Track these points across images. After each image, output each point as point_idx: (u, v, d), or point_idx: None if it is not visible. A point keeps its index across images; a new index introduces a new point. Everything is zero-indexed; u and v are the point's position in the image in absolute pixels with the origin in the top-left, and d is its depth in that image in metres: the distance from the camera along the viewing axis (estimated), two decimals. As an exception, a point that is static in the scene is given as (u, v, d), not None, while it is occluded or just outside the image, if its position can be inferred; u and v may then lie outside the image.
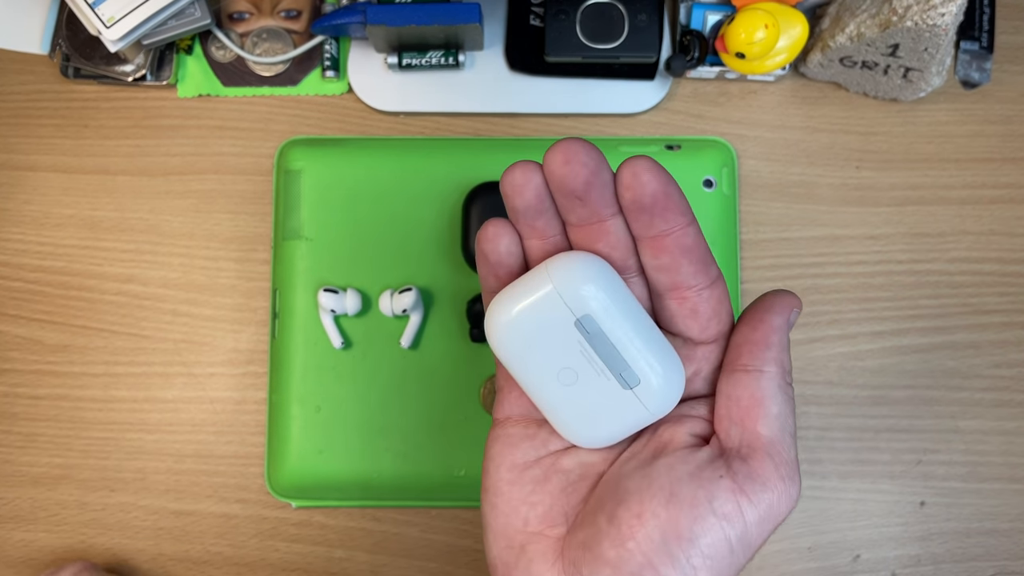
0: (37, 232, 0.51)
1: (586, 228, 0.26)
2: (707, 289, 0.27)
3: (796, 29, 0.47)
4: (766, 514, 0.25)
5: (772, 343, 0.27)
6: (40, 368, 0.50)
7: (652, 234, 0.26)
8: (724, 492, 0.25)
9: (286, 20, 0.52)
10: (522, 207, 0.26)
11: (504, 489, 0.29)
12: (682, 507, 0.25)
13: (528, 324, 0.26)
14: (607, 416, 0.27)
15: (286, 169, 0.50)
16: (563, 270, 0.26)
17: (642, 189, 0.25)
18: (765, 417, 0.26)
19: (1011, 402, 0.49)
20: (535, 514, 0.28)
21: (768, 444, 0.26)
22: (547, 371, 0.27)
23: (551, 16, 0.49)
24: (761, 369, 0.27)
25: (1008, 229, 0.51)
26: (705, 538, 0.25)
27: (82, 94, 0.52)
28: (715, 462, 0.26)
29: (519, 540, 0.28)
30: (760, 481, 0.25)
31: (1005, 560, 0.49)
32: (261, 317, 0.50)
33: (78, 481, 0.50)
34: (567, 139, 0.25)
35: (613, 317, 0.26)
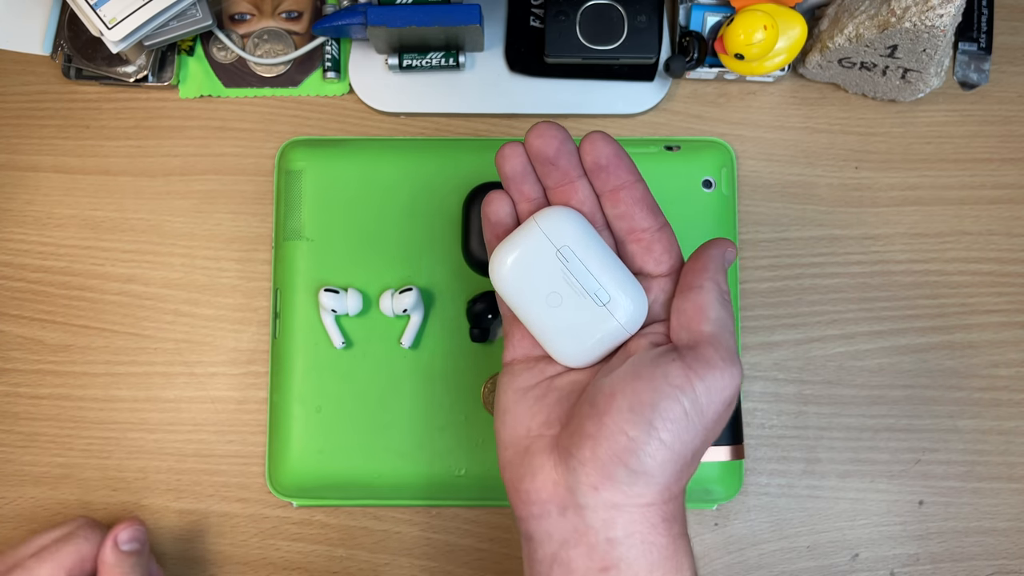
0: (39, 232, 0.52)
1: (560, 189, 0.35)
2: (658, 231, 0.35)
3: (795, 30, 0.47)
4: (712, 385, 0.31)
5: (709, 267, 0.34)
6: (42, 368, 0.51)
7: (610, 188, 0.34)
8: (676, 369, 0.31)
9: (287, 21, 0.52)
10: (511, 173, 0.35)
11: (511, 407, 0.35)
12: (643, 382, 0.31)
13: (523, 262, 0.34)
14: (588, 333, 0.34)
15: (287, 170, 0.50)
16: (545, 216, 0.34)
17: (598, 152, 0.34)
18: (706, 319, 0.33)
19: (1009, 402, 0.49)
20: (536, 422, 0.35)
21: (710, 336, 0.32)
22: (538, 298, 0.34)
23: (551, 17, 0.49)
24: (702, 285, 0.33)
25: (1006, 229, 0.51)
26: (663, 403, 0.31)
27: (84, 95, 0.53)
28: (669, 352, 0.33)
29: (524, 444, 0.34)
30: (704, 360, 0.32)
31: (1003, 559, 0.49)
32: (262, 317, 0.50)
33: (79, 480, 0.50)
34: (540, 122, 0.34)
35: (586, 248, 0.34)
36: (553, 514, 0.33)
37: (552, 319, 0.34)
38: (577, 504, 0.32)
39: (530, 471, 0.33)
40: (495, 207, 0.36)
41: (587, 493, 0.32)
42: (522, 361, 0.37)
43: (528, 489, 0.33)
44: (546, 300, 0.34)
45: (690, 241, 0.48)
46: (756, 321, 0.50)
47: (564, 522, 0.32)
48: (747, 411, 0.49)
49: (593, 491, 0.32)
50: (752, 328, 0.50)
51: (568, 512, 0.32)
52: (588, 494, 0.32)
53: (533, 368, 0.36)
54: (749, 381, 0.50)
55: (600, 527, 0.32)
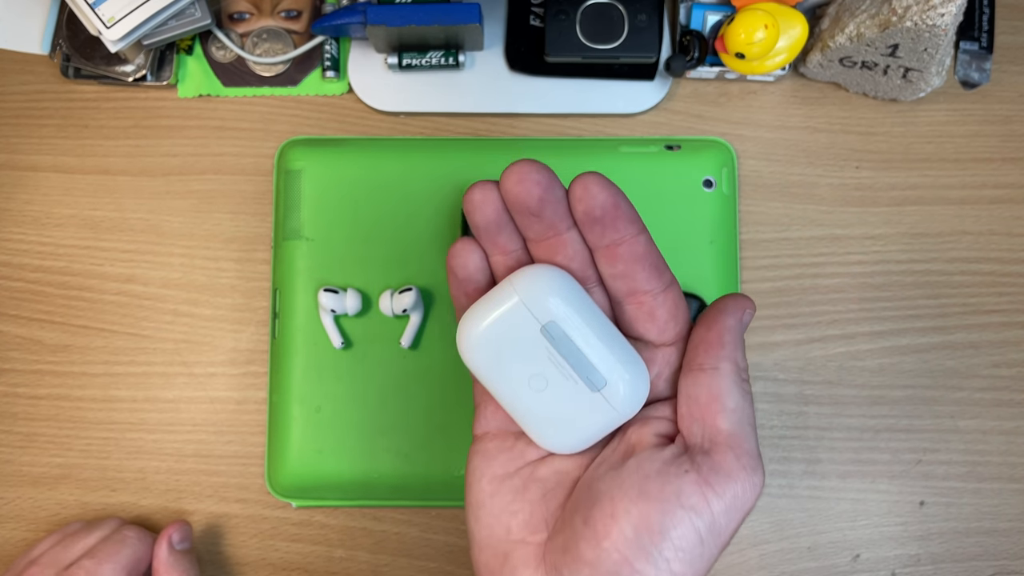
0: (38, 232, 0.51)
1: (544, 242, 0.28)
2: (662, 293, 0.29)
3: (796, 29, 0.47)
4: (732, 504, 0.27)
5: (726, 342, 0.28)
6: (40, 368, 0.51)
7: (606, 243, 0.28)
8: (690, 486, 0.26)
9: (286, 20, 0.52)
10: (483, 223, 0.28)
11: (486, 501, 0.30)
12: (651, 503, 0.26)
13: (497, 336, 0.28)
14: (578, 420, 0.29)
15: (286, 169, 0.50)
16: (526, 281, 0.28)
17: (592, 201, 0.27)
18: (723, 411, 0.28)
19: (1010, 402, 0.49)
20: (516, 522, 0.29)
21: (728, 437, 0.27)
22: (518, 379, 0.28)
23: (551, 16, 0.49)
24: (716, 367, 0.28)
25: (1007, 229, 0.51)
26: (675, 531, 0.26)
27: (82, 94, 0.52)
28: (680, 458, 0.27)
29: (503, 548, 0.29)
30: (724, 472, 0.27)
31: (1004, 560, 0.49)
32: (261, 317, 0.50)
33: (78, 481, 0.50)
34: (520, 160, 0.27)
35: (576, 323, 0.28)
36: None
37: (535, 403, 0.29)
38: None
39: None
40: (461, 260, 0.29)
41: None
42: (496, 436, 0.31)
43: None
44: (528, 383, 0.28)
45: (690, 241, 0.48)
46: (756, 321, 0.50)
47: None
48: (748, 411, 0.49)
49: None
50: (752, 328, 0.50)
51: None
52: None
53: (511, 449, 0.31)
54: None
55: None
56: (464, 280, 0.30)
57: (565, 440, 0.29)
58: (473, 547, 0.30)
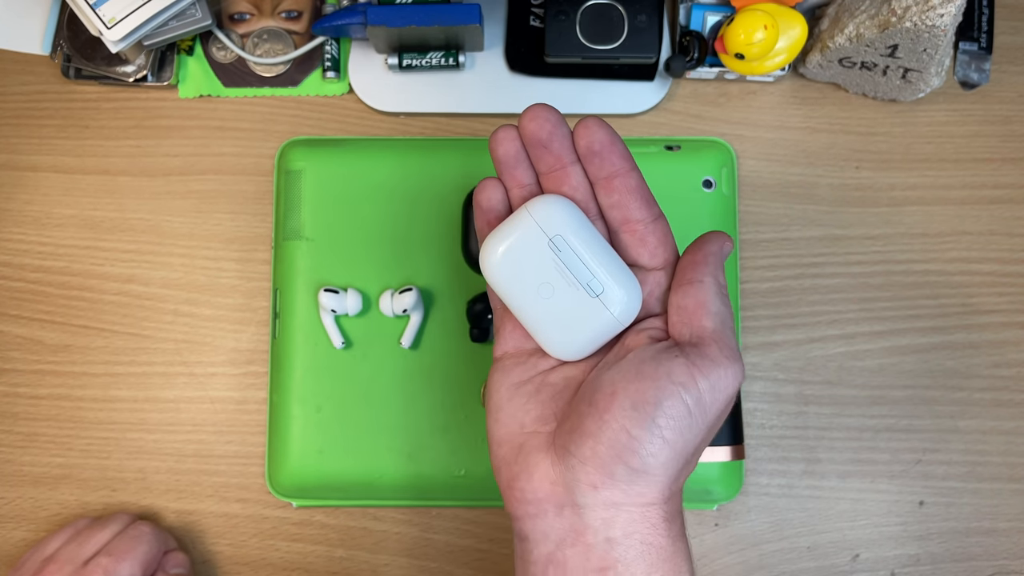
0: (38, 232, 0.51)
1: (553, 174, 0.34)
2: (652, 223, 0.34)
3: (795, 30, 0.47)
4: (716, 384, 0.31)
5: (708, 261, 0.33)
6: (41, 368, 0.51)
7: (604, 175, 0.33)
8: (680, 367, 0.31)
9: (287, 21, 0.52)
10: (504, 157, 0.34)
11: (504, 404, 0.35)
12: (646, 380, 0.31)
13: (513, 252, 0.33)
14: (581, 326, 0.33)
15: (287, 169, 0.50)
16: (538, 205, 0.33)
17: (592, 136, 0.33)
18: (708, 314, 0.32)
19: (1010, 402, 0.49)
20: (530, 418, 0.34)
21: (713, 333, 0.32)
22: (530, 289, 0.33)
23: (551, 17, 0.49)
24: (702, 280, 0.33)
25: (1007, 229, 0.51)
26: (667, 401, 0.30)
27: (83, 95, 0.53)
28: (671, 348, 0.32)
29: (518, 441, 0.34)
30: (709, 358, 0.31)
31: (1004, 559, 0.49)
32: (262, 317, 0.50)
33: (79, 481, 0.50)
34: (534, 104, 0.33)
35: (578, 237, 0.32)
36: (550, 513, 0.32)
37: (544, 310, 0.33)
38: (575, 503, 0.31)
39: (526, 469, 0.33)
40: (487, 194, 0.35)
41: (586, 492, 0.31)
42: (513, 355, 0.36)
43: (524, 488, 0.33)
44: (538, 291, 0.33)
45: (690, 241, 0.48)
46: (756, 321, 0.50)
47: (561, 521, 0.32)
48: (747, 411, 0.49)
49: (592, 490, 0.31)
50: (752, 328, 0.50)
51: (565, 511, 0.32)
52: (587, 493, 0.31)
53: (525, 363, 0.35)
54: (749, 381, 0.50)
55: (599, 526, 0.31)
56: (487, 210, 0.35)
57: (570, 346, 0.34)
58: (492, 447, 0.35)
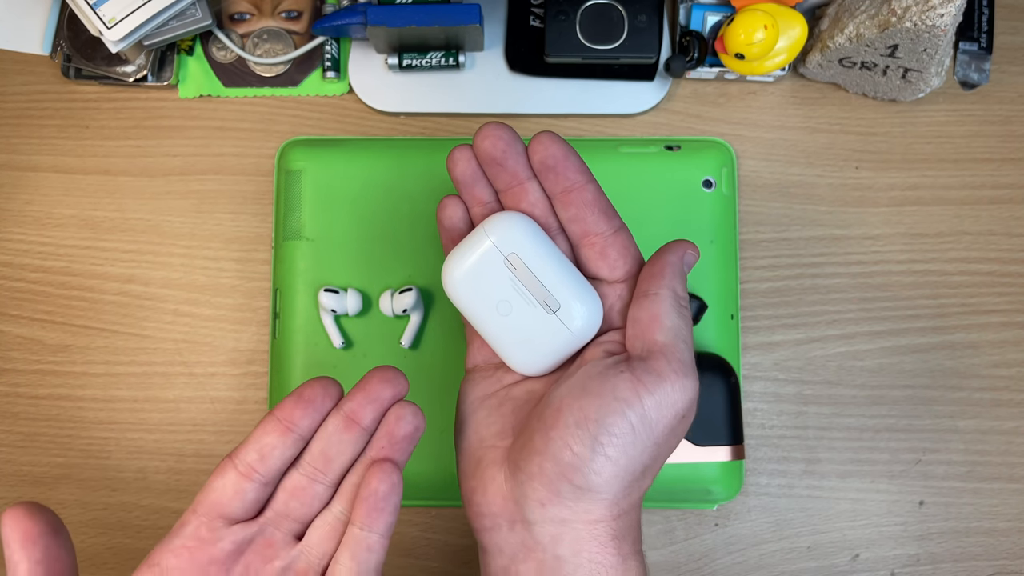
0: (38, 232, 0.52)
1: (511, 191, 0.34)
2: (612, 235, 0.33)
3: (795, 30, 0.47)
4: (662, 400, 0.30)
5: (666, 273, 0.33)
6: (41, 368, 0.51)
7: (560, 190, 0.33)
8: (624, 383, 0.31)
9: (287, 21, 0.52)
10: (461, 177, 0.34)
11: (468, 417, 0.35)
12: (591, 396, 0.31)
13: (472, 270, 0.33)
14: (540, 343, 0.33)
15: (287, 169, 0.50)
16: (494, 223, 0.33)
17: (546, 151, 0.32)
18: (661, 328, 0.32)
19: (1010, 402, 0.49)
20: (490, 432, 0.34)
21: (663, 347, 0.31)
22: (489, 307, 0.33)
23: (551, 17, 0.49)
24: (657, 292, 0.32)
25: (1007, 229, 0.51)
26: (609, 419, 0.30)
27: (83, 95, 0.53)
28: (619, 364, 0.32)
29: (478, 454, 0.34)
30: (655, 373, 0.31)
31: (1004, 560, 0.49)
32: (262, 317, 0.50)
33: (79, 481, 0.50)
34: (487, 123, 0.33)
35: (534, 255, 0.33)
36: (503, 528, 0.32)
37: (503, 327, 0.33)
38: (525, 519, 0.32)
39: (481, 483, 0.33)
40: (448, 212, 0.35)
41: (534, 508, 0.31)
42: (482, 368, 0.36)
43: (480, 501, 0.33)
44: (496, 308, 0.33)
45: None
46: (756, 321, 0.50)
47: (513, 536, 0.32)
48: (747, 411, 0.49)
49: (540, 507, 0.31)
50: (752, 328, 0.50)
51: (517, 526, 0.32)
52: (535, 509, 0.31)
53: (492, 376, 0.36)
54: (749, 381, 0.50)
55: (548, 543, 0.31)
56: (450, 228, 0.35)
57: (529, 361, 0.34)
58: (457, 457, 0.35)
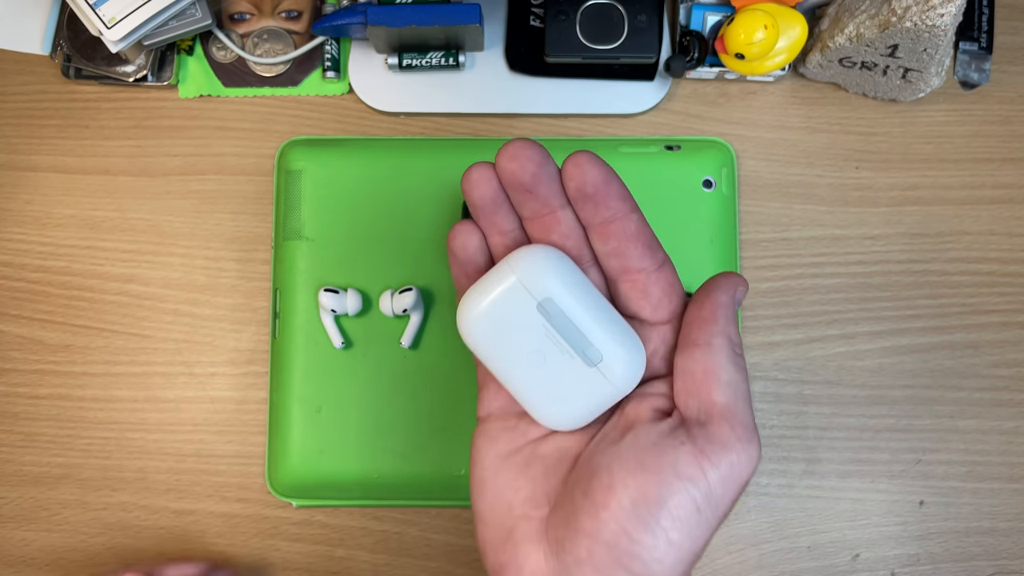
0: (38, 232, 0.52)
1: (539, 220, 0.29)
2: (655, 272, 0.29)
3: (795, 30, 0.47)
4: (728, 474, 0.27)
5: (719, 317, 0.29)
6: (41, 368, 0.51)
7: (598, 221, 0.29)
8: (686, 456, 0.27)
9: (287, 21, 0.52)
10: (480, 202, 0.29)
11: (490, 478, 0.30)
12: (648, 474, 0.27)
13: (496, 314, 0.29)
14: (576, 396, 0.29)
15: (287, 169, 0.50)
16: (523, 261, 0.28)
17: (584, 177, 0.28)
18: (718, 385, 0.28)
19: (1010, 402, 0.49)
20: (519, 498, 0.30)
21: (724, 409, 0.28)
22: (517, 356, 0.29)
23: (551, 17, 0.49)
24: (710, 342, 0.28)
25: (1007, 229, 0.51)
26: (672, 500, 0.26)
27: (83, 95, 0.53)
28: (676, 431, 0.28)
29: (507, 524, 0.30)
30: (719, 443, 0.27)
31: (1004, 559, 0.49)
32: (262, 317, 0.50)
33: (79, 480, 0.50)
34: (514, 139, 0.28)
35: (571, 300, 0.28)
36: None
37: (533, 379, 0.29)
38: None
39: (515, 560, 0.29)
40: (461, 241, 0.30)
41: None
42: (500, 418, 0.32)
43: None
44: (526, 359, 0.29)
45: (690, 241, 0.48)
46: (756, 321, 0.50)
47: None
48: (747, 411, 0.49)
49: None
50: (752, 328, 0.50)
51: None
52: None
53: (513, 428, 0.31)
54: (749, 381, 0.50)
55: None
56: (464, 261, 0.31)
57: (564, 416, 0.30)
58: (478, 524, 0.31)
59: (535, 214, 0.29)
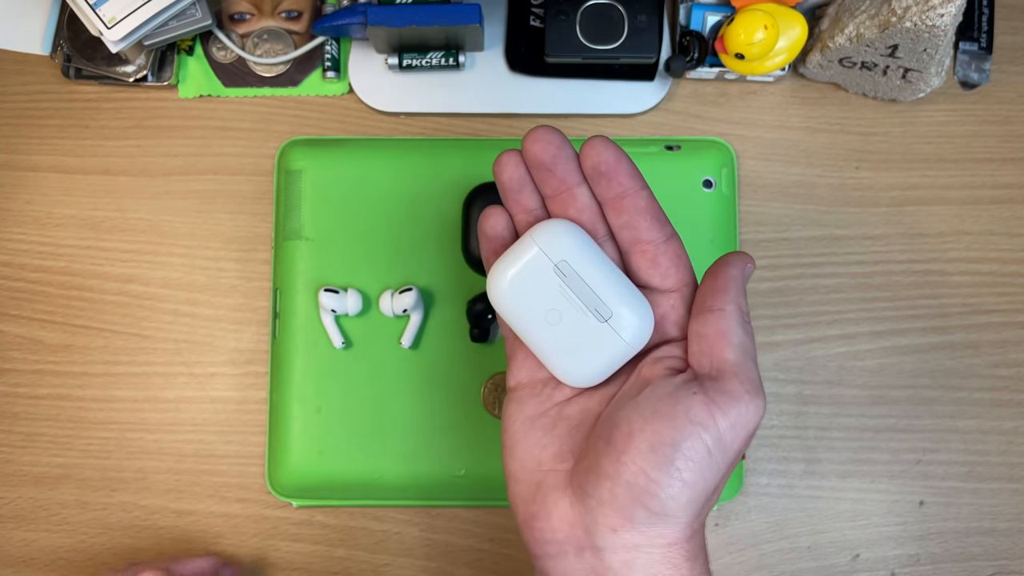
0: (38, 232, 0.52)
1: (559, 197, 0.33)
2: (664, 243, 0.33)
3: (795, 30, 0.47)
4: (736, 421, 0.30)
5: (730, 288, 0.32)
6: (41, 368, 0.51)
7: (612, 196, 0.32)
8: (698, 404, 0.30)
9: (287, 21, 0.52)
10: (508, 182, 0.33)
11: (520, 439, 0.34)
12: (664, 421, 0.30)
13: (519, 279, 0.32)
14: (590, 351, 0.32)
15: (287, 169, 0.50)
16: (542, 230, 0.32)
17: (598, 157, 0.32)
18: (729, 345, 0.31)
19: (1010, 402, 0.49)
20: (547, 455, 0.33)
21: (734, 365, 0.31)
22: (537, 315, 0.32)
23: (551, 17, 0.49)
24: (723, 308, 0.32)
25: (1007, 229, 0.51)
26: (685, 443, 0.29)
27: (83, 95, 0.53)
28: (690, 383, 0.31)
29: (536, 479, 0.33)
30: (729, 394, 0.30)
31: (1004, 559, 0.49)
32: (262, 317, 0.50)
33: (79, 480, 0.50)
34: (537, 126, 0.32)
35: (584, 261, 0.32)
36: (570, 555, 0.31)
37: (553, 337, 0.32)
38: (595, 546, 0.31)
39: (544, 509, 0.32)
40: (492, 222, 0.34)
41: (605, 535, 0.30)
42: (527, 385, 0.35)
43: (543, 528, 0.32)
44: (545, 317, 0.32)
45: (690, 241, 0.48)
46: (756, 321, 0.50)
47: (581, 563, 0.31)
48: (747, 411, 0.49)
49: (612, 533, 0.30)
50: (752, 328, 0.50)
51: (585, 553, 0.31)
52: (607, 536, 0.30)
53: (540, 394, 0.34)
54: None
55: (620, 569, 0.30)
56: (493, 238, 0.34)
57: (581, 371, 0.33)
58: (509, 482, 0.34)
59: (555, 191, 0.33)
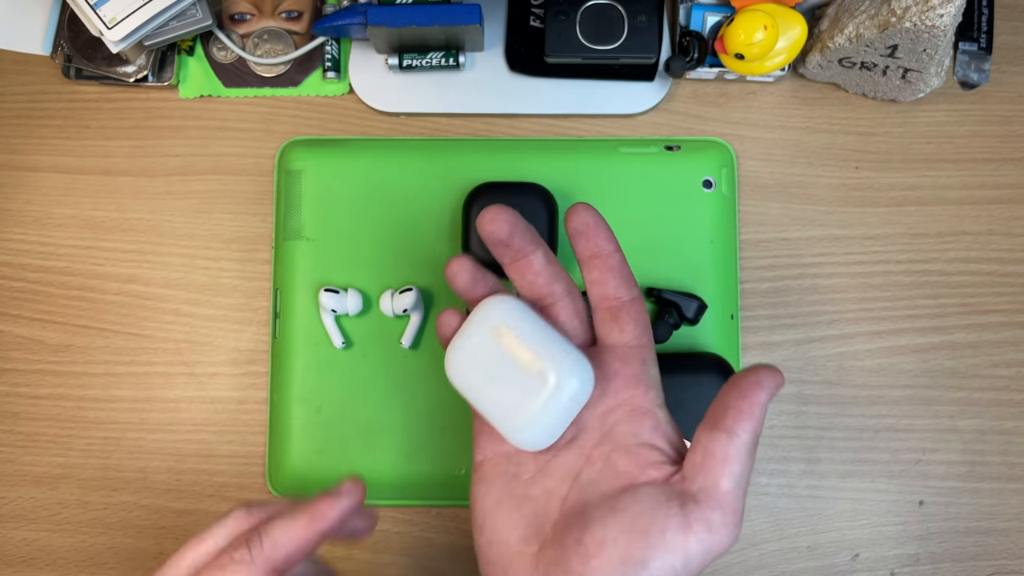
0: (39, 232, 0.52)
1: (516, 265, 0.35)
2: (628, 302, 0.35)
3: (795, 30, 0.47)
4: (708, 549, 0.31)
5: (755, 414, 0.32)
6: (42, 368, 0.51)
7: (588, 254, 0.35)
8: (675, 527, 0.31)
9: (287, 21, 0.52)
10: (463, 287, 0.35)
11: (488, 518, 0.35)
12: (638, 536, 0.31)
13: (462, 351, 0.34)
14: (535, 409, 0.33)
15: (287, 169, 0.50)
16: (480, 306, 0.34)
17: (581, 220, 0.35)
18: (730, 475, 0.31)
19: (1009, 402, 0.49)
20: (514, 537, 0.34)
21: (723, 495, 0.31)
22: (482, 382, 0.34)
23: (551, 17, 0.49)
24: (739, 434, 0.32)
25: (1007, 229, 0.51)
26: (655, 563, 0.30)
27: (84, 95, 0.53)
28: (671, 501, 0.31)
29: (504, 561, 0.34)
30: (707, 524, 0.31)
31: (1003, 559, 0.49)
32: (262, 317, 0.50)
33: (79, 480, 0.50)
34: (490, 207, 0.34)
35: (518, 323, 0.34)
36: None
37: (499, 400, 0.34)
38: None
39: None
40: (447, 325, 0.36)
41: None
42: (492, 460, 0.36)
43: None
44: (489, 382, 0.34)
45: (690, 241, 0.49)
46: (756, 321, 0.50)
47: None
48: (747, 411, 0.49)
49: None
50: (752, 328, 0.50)
51: None
52: None
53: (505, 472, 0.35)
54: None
55: None
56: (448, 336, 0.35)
57: (529, 431, 0.33)
58: (479, 559, 0.35)
59: (512, 259, 0.35)
